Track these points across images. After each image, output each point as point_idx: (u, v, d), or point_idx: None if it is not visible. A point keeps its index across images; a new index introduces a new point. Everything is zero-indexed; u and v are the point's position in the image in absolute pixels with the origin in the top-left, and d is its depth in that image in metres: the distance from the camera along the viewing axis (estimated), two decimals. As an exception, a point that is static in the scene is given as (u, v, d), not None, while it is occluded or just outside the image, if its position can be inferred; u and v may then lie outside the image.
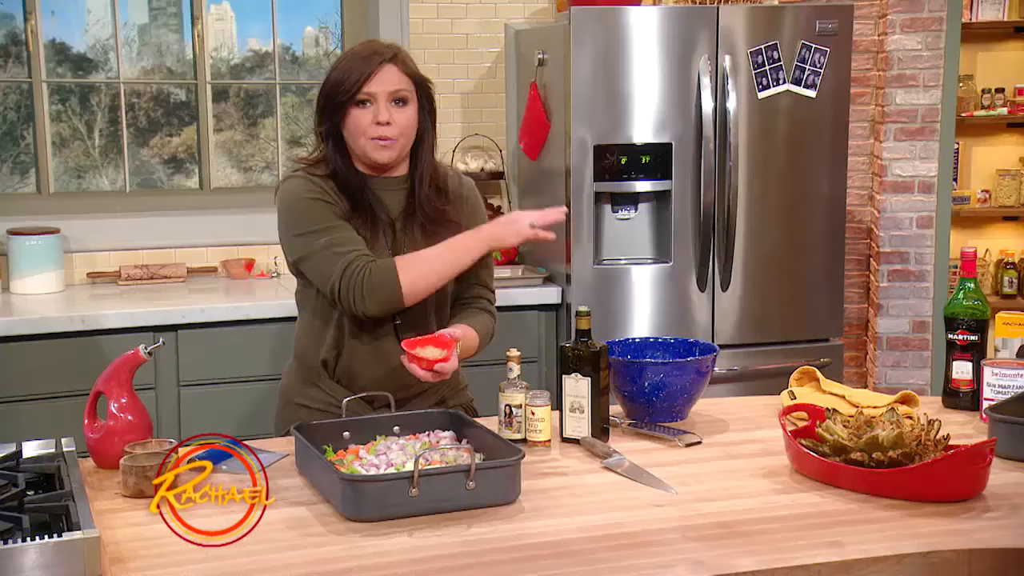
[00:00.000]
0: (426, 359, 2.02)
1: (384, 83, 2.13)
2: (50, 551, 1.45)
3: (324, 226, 2.14)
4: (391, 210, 2.23)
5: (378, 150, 2.15)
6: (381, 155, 2.16)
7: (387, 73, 2.14)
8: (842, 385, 2.33)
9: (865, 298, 4.40)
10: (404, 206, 2.23)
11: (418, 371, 2.03)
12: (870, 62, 4.25)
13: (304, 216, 2.16)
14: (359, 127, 2.15)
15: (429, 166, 2.24)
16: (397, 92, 2.15)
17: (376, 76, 2.13)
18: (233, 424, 3.20)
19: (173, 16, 3.98)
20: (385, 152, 2.16)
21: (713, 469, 1.95)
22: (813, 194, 3.62)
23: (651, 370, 2.18)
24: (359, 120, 2.14)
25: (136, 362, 1.95)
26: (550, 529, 1.68)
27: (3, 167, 3.80)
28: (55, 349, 3.09)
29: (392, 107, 2.14)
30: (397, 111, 2.15)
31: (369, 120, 2.14)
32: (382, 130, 2.14)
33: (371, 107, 2.14)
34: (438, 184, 2.25)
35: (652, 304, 3.53)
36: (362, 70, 2.13)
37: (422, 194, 2.22)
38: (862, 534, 1.65)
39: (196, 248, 3.74)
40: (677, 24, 3.44)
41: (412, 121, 2.18)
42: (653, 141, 3.45)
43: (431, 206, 2.22)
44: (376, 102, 2.14)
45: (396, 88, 2.15)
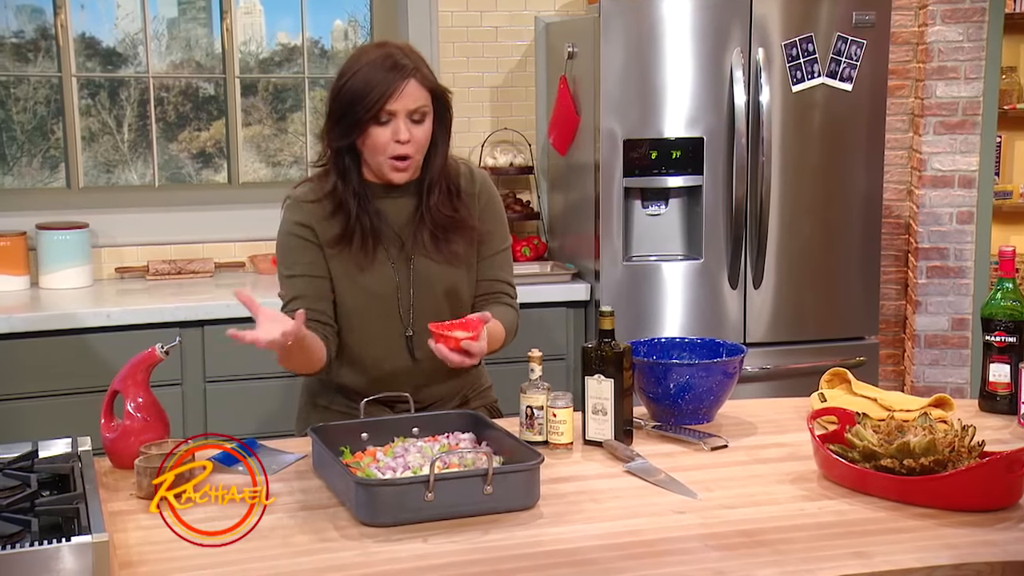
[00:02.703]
0: (454, 337, 1.97)
1: (406, 100, 2.06)
2: (59, 555, 1.43)
3: (289, 274, 2.17)
4: (396, 219, 2.17)
5: (394, 172, 2.11)
6: (397, 176, 2.12)
7: (410, 89, 2.07)
8: (874, 388, 2.26)
9: (903, 295, 4.32)
10: (411, 212, 2.18)
11: (445, 353, 1.97)
12: (909, 54, 4.16)
13: (283, 254, 2.20)
14: (377, 145, 2.09)
15: (439, 174, 2.18)
16: (417, 110, 2.09)
17: (399, 93, 2.05)
18: (258, 421, 3.19)
19: (202, 10, 3.97)
20: (401, 175, 2.12)
21: (738, 474, 1.91)
22: (849, 189, 3.54)
23: (677, 371, 2.13)
24: (378, 138, 2.08)
25: (152, 361, 1.93)
26: (568, 536, 1.64)
27: (33, 162, 3.81)
28: (82, 344, 3.09)
29: (411, 125, 2.09)
30: (415, 127, 2.09)
31: (387, 138, 2.08)
32: (401, 148, 2.08)
33: (390, 124, 2.08)
34: (448, 186, 2.19)
35: (683, 301, 3.47)
36: (384, 86, 2.05)
37: (431, 202, 2.16)
38: (891, 544, 1.59)
39: (224, 243, 3.73)
40: (709, 16, 3.37)
41: (427, 135, 2.12)
42: (684, 135, 3.39)
43: (440, 213, 2.17)
44: (396, 119, 2.08)
45: (417, 106, 2.08)
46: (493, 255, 2.25)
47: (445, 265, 2.17)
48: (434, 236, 2.17)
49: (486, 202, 2.25)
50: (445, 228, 2.17)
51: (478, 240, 2.22)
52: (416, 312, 2.17)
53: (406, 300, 2.17)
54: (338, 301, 2.16)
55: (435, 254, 2.16)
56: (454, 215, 2.18)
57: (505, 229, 2.29)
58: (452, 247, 2.17)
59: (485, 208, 2.24)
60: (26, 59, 3.76)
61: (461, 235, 2.18)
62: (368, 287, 2.14)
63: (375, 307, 2.16)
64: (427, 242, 2.17)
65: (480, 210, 2.23)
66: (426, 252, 2.16)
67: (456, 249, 2.18)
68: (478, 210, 2.23)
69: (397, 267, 2.16)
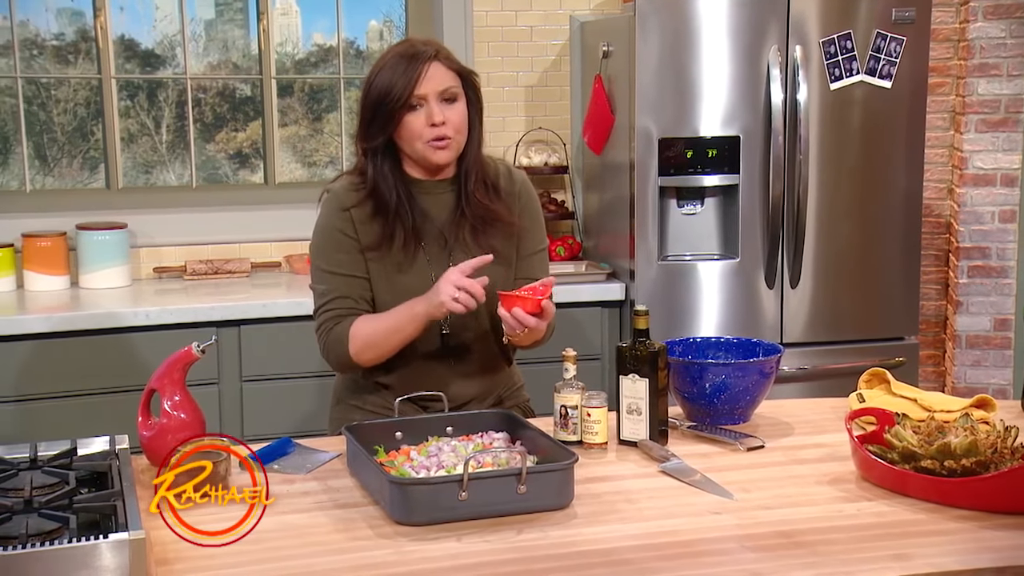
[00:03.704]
0: (533, 300, 1.96)
1: (433, 82, 2.08)
2: (96, 552, 1.44)
3: (330, 270, 2.16)
4: (439, 217, 2.17)
5: (436, 152, 2.10)
6: (440, 156, 2.11)
7: (434, 71, 2.08)
8: (914, 388, 2.23)
9: (943, 295, 4.26)
10: (453, 209, 2.18)
11: (522, 316, 1.96)
12: (950, 51, 4.10)
13: (321, 249, 2.18)
14: (414, 132, 2.09)
15: (476, 162, 2.18)
16: (447, 90, 2.09)
17: (423, 76, 2.07)
18: (294, 420, 3.20)
19: (239, 11, 4.00)
20: (444, 153, 2.11)
21: (775, 475, 1.88)
22: (888, 188, 3.50)
23: (713, 371, 2.11)
24: (413, 125, 2.09)
25: (189, 360, 1.94)
26: (603, 536, 1.63)
27: (73, 163, 3.86)
28: (120, 343, 3.12)
29: (444, 106, 2.10)
30: (449, 109, 2.10)
31: (423, 123, 2.08)
32: (438, 131, 2.08)
33: (423, 109, 2.09)
34: (486, 181, 2.19)
35: (718, 301, 3.45)
36: (409, 74, 2.07)
37: (468, 191, 2.16)
38: (932, 547, 1.57)
39: (260, 243, 3.76)
40: (746, 13, 3.34)
41: (464, 116, 2.13)
42: (720, 134, 3.37)
43: (480, 205, 2.16)
44: (428, 103, 2.08)
45: (446, 86, 2.09)
46: (531, 255, 2.24)
47: None
48: (474, 230, 2.16)
49: (525, 202, 2.25)
50: (484, 221, 2.16)
51: (517, 238, 2.21)
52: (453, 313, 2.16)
53: None
54: (376, 300, 2.17)
55: (475, 250, 2.15)
56: (494, 208, 2.17)
57: (543, 230, 2.29)
58: (491, 242, 2.17)
59: (524, 208, 2.24)
60: (66, 61, 3.81)
61: (500, 230, 2.18)
62: (407, 287, 2.14)
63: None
64: (468, 237, 2.16)
65: (519, 210, 2.22)
66: (466, 248, 2.16)
67: (495, 244, 2.17)
68: (518, 209, 2.22)
69: (436, 266, 2.15)
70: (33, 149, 3.75)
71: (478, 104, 2.17)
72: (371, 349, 2.12)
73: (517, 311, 1.97)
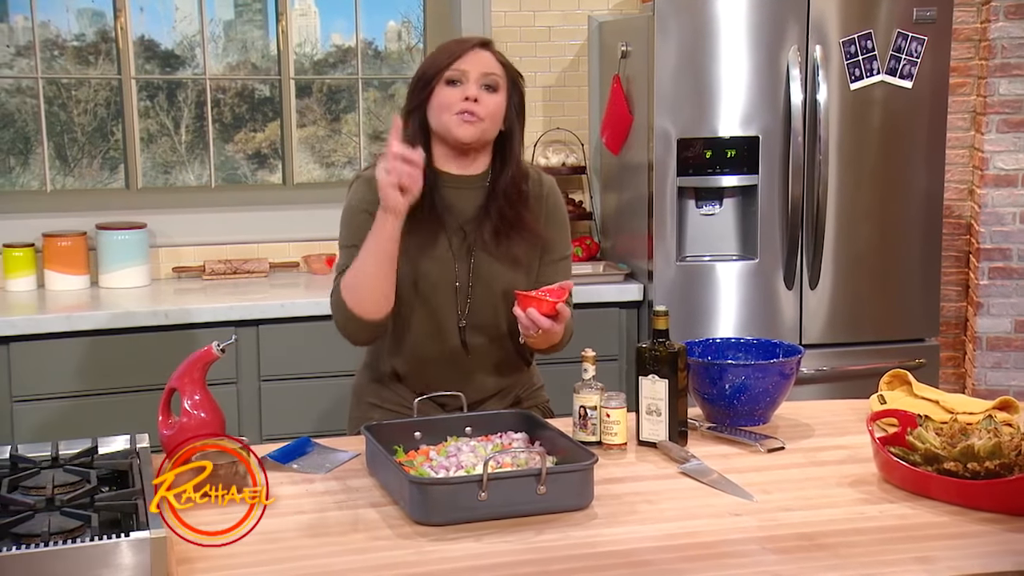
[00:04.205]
0: (548, 301, 1.97)
1: (476, 63, 2.10)
2: (118, 550, 1.44)
3: (349, 244, 2.14)
4: (462, 212, 2.16)
5: (461, 125, 2.09)
6: (464, 131, 2.09)
7: (480, 56, 2.11)
8: (936, 390, 2.21)
9: (963, 296, 4.23)
10: (479, 206, 2.17)
11: (536, 317, 1.96)
12: (971, 50, 4.08)
13: (346, 228, 2.18)
14: (445, 103, 2.09)
15: (515, 165, 2.17)
16: (489, 75, 2.10)
17: (469, 55, 2.10)
18: (312, 420, 3.21)
19: (258, 12, 4.01)
20: (468, 128, 2.09)
21: (796, 476, 1.87)
22: (908, 188, 3.48)
23: (732, 372, 2.11)
24: (447, 96, 2.09)
25: (209, 359, 1.95)
26: (623, 537, 1.63)
27: (93, 163, 3.88)
28: (140, 343, 3.13)
29: (482, 90, 2.10)
30: (486, 94, 2.10)
31: (457, 96, 2.09)
32: (468, 105, 2.08)
33: (460, 86, 2.10)
34: (519, 186, 2.19)
35: (737, 302, 3.43)
36: (455, 51, 2.12)
37: (498, 189, 2.16)
38: (955, 549, 1.56)
39: (278, 243, 3.77)
40: (766, 13, 3.33)
41: (500, 108, 2.12)
42: (739, 134, 3.35)
43: (507, 207, 2.15)
44: (467, 81, 2.09)
45: (489, 70, 2.11)
46: (554, 262, 2.23)
47: (505, 266, 2.16)
48: (496, 233, 2.15)
49: (552, 208, 2.24)
50: (509, 225, 2.15)
51: (541, 246, 2.21)
52: (472, 305, 2.16)
53: (463, 291, 2.16)
54: (397, 284, 2.16)
55: (495, 252, 2.15)
56: (519, 214, 2.16)
57: (568, 237, 2.28)
58: (512, 249, 2.15)
59: (551, 214, 2.23)
60: (87, 62, 3.83)
61: (523, 237, 2.16)
62: (428, 274, 2.13)
63: (432, 294, 2.15)
64: (489, 239, 2.15)
65: (545, 215, 2.21)
66: (487, 249, 2.15)
67: (516, 252, 2.16)
68: (544, 215, 2.21)
69: (458, 258, 2.15)
70: (54, 149, 3.77)
71: (520, 106, 2.17)
72: (359, 289, 2.04)
73: (531, 312, 1.98)
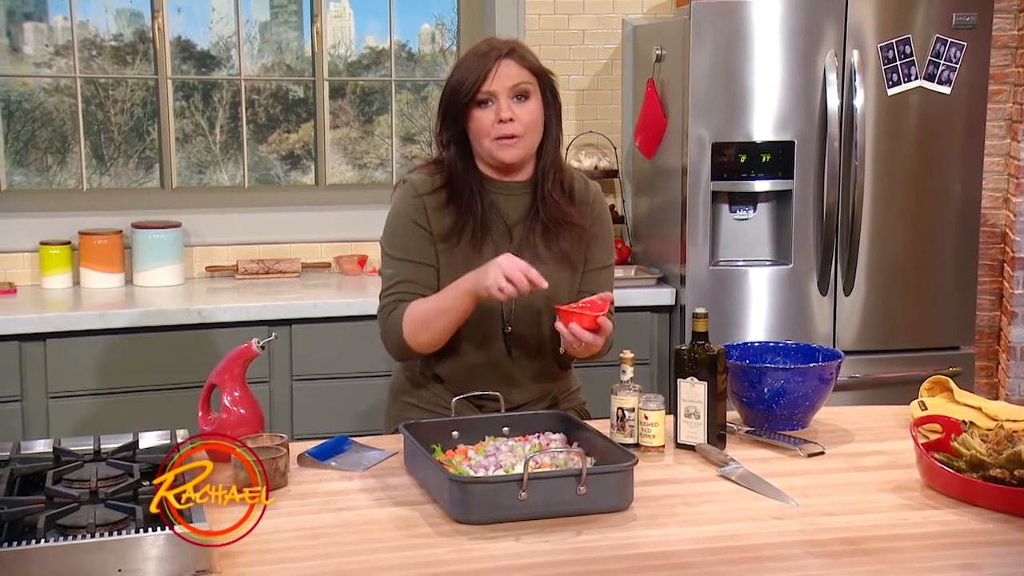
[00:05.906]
0: (589, 315, 1.96)
1: (503, 79, 2.08)
2: (163, 543, 1.45)
3: (398, 256, 2.15)
4: (509, 216, 2.17)
5: (503, 149, 2.10)
6: (507, 154, 2.10)
7: (505, 68, 2.09)
8: (978, 397, 2.19)
9: (997, 305, 4.19)
10: (526, 210, 2.17)
11: (578, 332, 1.95)
12: (1008, 58, 4.04)
13: (392, 235, 2.18)
14: (482, 128, 2.10)
15: (554, 163, 2.17)
16: (517, 87, 2.09)
17: (493, 73, 2.07)
18: (344, 419, 3.21)
19: (293, 14, 4.03)
20: (511, 151, 2.10)
21: (837, 481, 1.86)
22: (944, 195, 3.45)
23: (772, 376, 2.09)
24: (481, 121, 2.09)
25: (249, 355, 1.95)
26: (663, 539, 1.62)
27: (129, 162, 3.91)
28: (173, 341, 3.15)
29: (514, 104, 2.09)
30: (519, 107, 2.09)
31: (491, 119, 2.08)
32: (505, 128, 2.08)
33: (492, 106, 2.09)
34: (563, 184, 2.18)
35: (770, 307, 3.41)
36: (479, 69, 2.08)
37: (545, 191, 2.15)
38: (1001, 556, 1.54)
39: (310, 243, 3.78)
40: (802, 17, 3.31)
41: (536, 116, 2.12)
42: (774, 139, 3.34)
43: (555, 206, 2.15)
44: (497, 100, 2.08)
45: (516, 82, 2.09)
46: (597, 269, 2.23)
47: (552, 266, 2.15)
48: (546, 231, 2.15)
49: (598, 213, 2.24)
50: (558, 222, 2.15)
51: (586, 245, 2.20)
52: (517, 312, 2.16)
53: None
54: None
55: (544, 252, 2.15)
56: (567, 209, 2.17)
57: (611, 245, 2.28)
58: (562, 244, 2.16)
59: (597, 219, 2.23)
60: (124, 62, 3.85)
61: (572, 233, 2.17)
62: None
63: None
64: (539, 239, 2.15)
65: (592, 220, 2.22)
66: (535, 251, 2.15)
67: (565, 247, 2.17)
68: (590, 219, 2.22)
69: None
70: (90, 148, 3.80)
71: (555, 104, 2.16)
72: (423, 331, 2.09)
73: (574, 326, 1.97)
